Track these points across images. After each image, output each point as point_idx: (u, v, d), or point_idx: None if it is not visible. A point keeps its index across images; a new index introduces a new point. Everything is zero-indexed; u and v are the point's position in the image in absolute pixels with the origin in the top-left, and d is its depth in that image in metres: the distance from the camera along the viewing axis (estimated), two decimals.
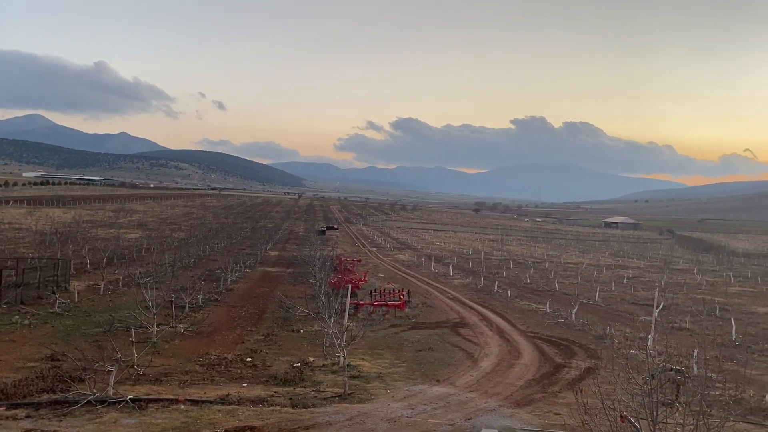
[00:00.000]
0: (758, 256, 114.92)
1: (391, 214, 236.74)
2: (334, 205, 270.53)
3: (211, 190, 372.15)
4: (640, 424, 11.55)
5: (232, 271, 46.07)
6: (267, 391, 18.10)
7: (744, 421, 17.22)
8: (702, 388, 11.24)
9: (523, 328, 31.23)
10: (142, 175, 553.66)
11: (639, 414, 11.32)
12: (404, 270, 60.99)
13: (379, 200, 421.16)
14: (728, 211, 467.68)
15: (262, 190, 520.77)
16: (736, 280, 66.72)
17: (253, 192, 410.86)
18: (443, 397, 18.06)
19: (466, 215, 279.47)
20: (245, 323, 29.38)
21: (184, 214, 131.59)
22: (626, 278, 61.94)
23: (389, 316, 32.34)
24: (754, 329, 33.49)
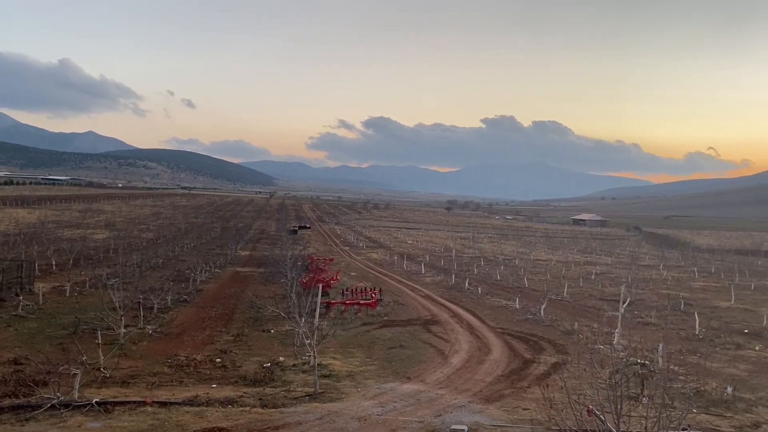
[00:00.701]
0: (721, 251, 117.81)
1: (363, 212, 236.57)
2: (306, 204, 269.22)
3: (180, 189, 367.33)
4: (605, 418, 11.78)
5: (202, 272, 45.59)
6: (236, 392, 17.97)
7: (706, 413, 17.63)
8: (665, 382, 11.51)
9: (493, 324, 31.52)
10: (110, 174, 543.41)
11: (605, 407, 11.54)
12: (377, 268, 61.04)
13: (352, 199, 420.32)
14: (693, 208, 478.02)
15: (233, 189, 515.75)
16: (700, 275, 68.29)
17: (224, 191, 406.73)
18: (414, 395, 18.15)
19: (438, 214, 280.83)
20: (215, 324, 29.09)
21: (153, 214, 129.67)
22: (594, 274, 62.94)
23: (361, 315, 32.36)
24: (717, 323, 34.31)
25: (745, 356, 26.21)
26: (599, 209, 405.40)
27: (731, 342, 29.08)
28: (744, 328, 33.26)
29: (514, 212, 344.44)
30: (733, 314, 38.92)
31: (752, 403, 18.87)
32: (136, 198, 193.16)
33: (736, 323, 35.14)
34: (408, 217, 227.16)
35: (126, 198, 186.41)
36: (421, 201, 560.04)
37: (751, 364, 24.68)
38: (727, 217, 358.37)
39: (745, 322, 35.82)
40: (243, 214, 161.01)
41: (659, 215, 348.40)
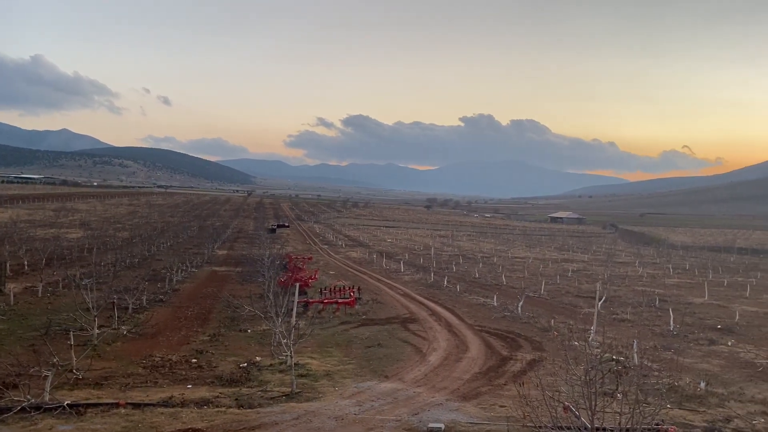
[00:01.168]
0: (696, 248, 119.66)
1: (342, 211, 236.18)
2: (284, 202, 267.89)
3: (157, 188, 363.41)
4: (580, 414, 11.86)
5: (178, 271, 45.06)
6: (212, 392, 17.79)
7: (680, 408, 17.86)
8: (638, 378, 11.62)
9: (471, 321, 31.62)
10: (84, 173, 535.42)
11: (580, 404, 11.61)
12: (356, 267, 60.94)
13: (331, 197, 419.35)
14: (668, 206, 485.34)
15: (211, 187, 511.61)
16: (675, 272, 69.27)
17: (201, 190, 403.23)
18: (391, 393, 18.12)
19: (417, 212, 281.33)
20: (191, 324, 28.76)
21: (129, 213, 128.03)
22: (571, 271, 63.52)
23: (339, 314, 32.24)
24: (691, 319, 34.80)
25: (718, 352, 26.61)
26: (576, 207, 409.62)
27: (705, 338, 29.50)
28: (717, 324, 33.79)
29: (493, 210, 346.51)
30: (706, 310, 39.54)
31: (724, 397, 19.15)
32: (111, 197, 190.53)
33: (709, 319, 35.68)
34: (387, 215, 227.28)
35: (101, 197, 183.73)
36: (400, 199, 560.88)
37: (724, 360, 25.07)
38: (701, 214, 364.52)
39: (718, 317, 36.40)
40: (221, 212, 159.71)
41: (635, 213, 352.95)
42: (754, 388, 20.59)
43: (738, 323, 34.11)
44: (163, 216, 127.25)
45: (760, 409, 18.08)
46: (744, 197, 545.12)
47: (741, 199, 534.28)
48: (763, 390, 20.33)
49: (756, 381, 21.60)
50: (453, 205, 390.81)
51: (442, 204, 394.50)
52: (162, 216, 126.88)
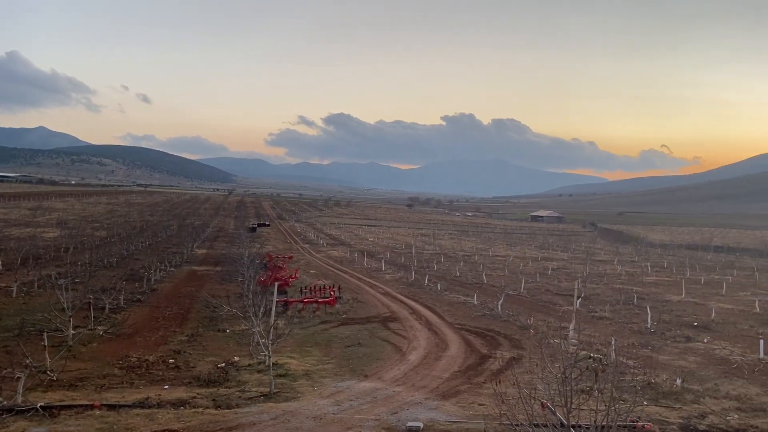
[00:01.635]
0: (673, 246, 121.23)
1: (324, 210, 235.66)
2: (265, 201, 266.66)
3: (136, 186, 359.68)
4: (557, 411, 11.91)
5: (157, 271, 44.61)
6: (189, 393, 17.60)
7: (656, 405, 18.04)
8: (614, 376, 11.70)
9: (451, 320, 31.68)
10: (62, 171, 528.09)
11: (557, 401, 11.65)
12: (337, 266, 60.79)
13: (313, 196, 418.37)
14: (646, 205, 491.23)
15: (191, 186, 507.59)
16: (653, 270, 70.09)
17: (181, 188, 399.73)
18: (370, 392, 18.08)
19: (399, 210, 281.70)
20: (169, 324, 28.46)
21: (107, 212, 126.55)
22: (551, 270, 63.96)
23: (319, 313, 32.12)
24: (668, 316, 35.18)
25: (694, 349, 26.92)
26: (557, 206, 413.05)
27: (681, 335, 29.82)
28: (694, 321, 34.18)
29: (474, 209, 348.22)
30: (683, 308, 40.00)
31: (700, 394, 19.38)
32: (89, 195, 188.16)
33: (686, 316, 36.10)
34: (369, 214, 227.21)
35: (79, 195, 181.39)
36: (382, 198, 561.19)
37: (700, 356, 25.36)
38: (679, 213, 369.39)
39: (695, 315, 36.84)
40: (200, 211, 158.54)
41: (614, 211, 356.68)
42: (729, 384, 20.86)
43: (714, 320, 34.56)
44: (142, 215, 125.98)
45: (735, 405, 18.31)
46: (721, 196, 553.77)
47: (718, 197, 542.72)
48: (738, 386, 20.61)
49: (731, 377, 21.89)
50: (435, 203, 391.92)
51: (424, 203, 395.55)
52: (141, 215, 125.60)
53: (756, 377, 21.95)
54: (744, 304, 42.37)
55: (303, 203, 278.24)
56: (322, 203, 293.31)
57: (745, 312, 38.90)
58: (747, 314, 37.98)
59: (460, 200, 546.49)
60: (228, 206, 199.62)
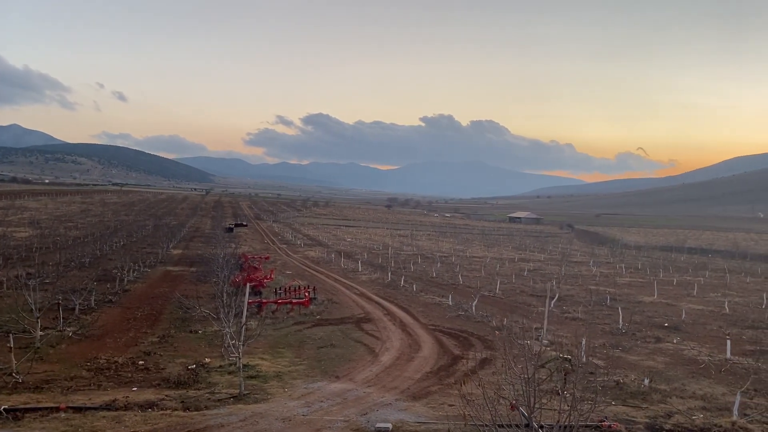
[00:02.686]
0: (648, 248, 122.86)
1: (303, 210, 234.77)
2: (243, 201, 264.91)
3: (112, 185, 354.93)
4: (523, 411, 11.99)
5: (130, 271, 44.09)
6: (158, 395, 17.41)
7: (624, 405, 18.27)
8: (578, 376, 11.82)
9: (425, 321, 31.76)
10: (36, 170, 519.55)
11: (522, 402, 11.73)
12: (313, 267, 60.57)
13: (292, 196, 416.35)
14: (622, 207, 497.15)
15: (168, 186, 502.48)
16: (627, 271, 70.95)
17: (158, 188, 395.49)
18: (341, 393, 18.05)
19: (378, 211, 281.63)
20: (140, 325, 28.12)
21: (82, 212, 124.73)
22: (527, 271, 64.42)
23: (293, 314, 31.99)
24: (640, 317, 35.66)
25: (663, 349, 27.32)
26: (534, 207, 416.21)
27: (652, 335, 30.25)
28: (664, 322, 34.68)
29: (453, 210, 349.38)
30: (655, 309, 40.56)
31: (667, 393, 19.68)
32: (63, 194, 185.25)
33: (657, 317, 36.60)
34: (348, 214, 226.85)
35: (53, 194, 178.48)
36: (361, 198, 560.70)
37: (669, 357, 25.75)
38: (654, 215, 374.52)
39: (666, 316, 37.37)
40: (177, 211, 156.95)
41: (591, 213, 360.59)
42: (696, 384, 21.21)
43: (684, 321, 35.10)
44: (117, 214, 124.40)
45: (700, 405, 18.62)
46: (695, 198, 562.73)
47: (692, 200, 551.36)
48: (704, 386, 20.97)
49: (698, 377, 22.26)
50: (414, 204, 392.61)
51: (403, 203, 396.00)
52: (116, 214, 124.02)
53: (722, 377, 22.34)
54: (714, 305, 43.11)
55: (281, 203, 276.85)
56: (301, 203, 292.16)
57: (714, 313, 39.57)
58: (716, 315, 38.65)
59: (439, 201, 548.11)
60: (205, 206, 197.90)
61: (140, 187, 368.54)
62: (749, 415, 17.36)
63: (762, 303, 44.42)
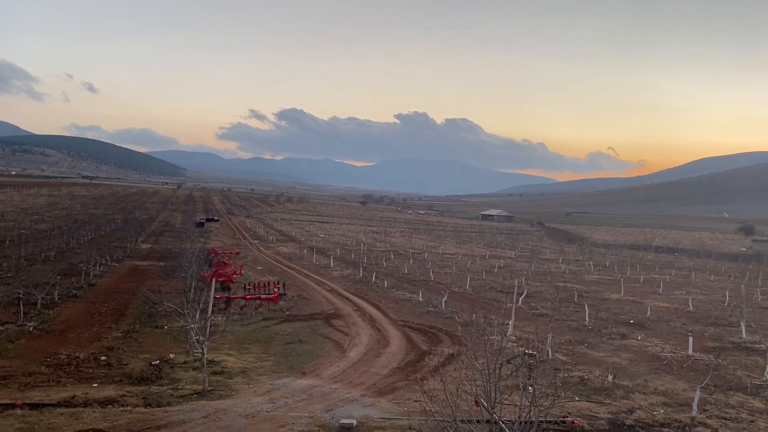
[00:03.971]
0: (616, 246, 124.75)
1: (276, 205, 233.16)
2: (216, 196, 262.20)
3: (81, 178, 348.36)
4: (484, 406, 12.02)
5: (97, 265, 43.33)
6: (119, 391, 17.10)
7: (588, 400, 18.47)
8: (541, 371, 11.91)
9: (395, 317, 31.76)
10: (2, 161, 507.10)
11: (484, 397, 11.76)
12: (285, 262, 60.21)
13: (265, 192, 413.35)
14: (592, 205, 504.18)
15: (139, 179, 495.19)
16: (595, 268, 71.91)
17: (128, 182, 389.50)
18: (306, 390, 17.94)
19: (352, 207, 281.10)
20: (105, 320, 27.63)
21: (49, 204, 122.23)
22: (497, 268, 64.89)
23: (262, 310, 31.73)
24: (606, 314, 36.13)
25: (628, 345, 27.70)
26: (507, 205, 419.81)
27: (617, 332, 30.66)
28: (630, 319, 35.18)
29: (427, 207, 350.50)
30: (621, 305, 41.13)
31: (630, 389, 19.95)
32: (30, 187, 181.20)
33: (623, 314, 37.12)
34: (322, 210, 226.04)
35: (19, 187, 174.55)
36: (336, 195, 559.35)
37: (633, 353, 26.11)
38: (623, 214, 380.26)
39: (631, 313, 37.92)
40: (147, 205, 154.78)
41: (562, 211, 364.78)
42: (658, 380, 21.55)
43: (649, 318, 35.65)
44: (86, 208, 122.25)
45: (662, 401, 18.91)
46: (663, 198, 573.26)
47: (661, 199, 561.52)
48: (666, 382, 21.31)
49: (660, 373, 22.61)
50: (388, 201, 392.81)
51: (378, 200, 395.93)
52: (85, 208, 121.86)
53: (684, 373, 22.73)
54: (679, 303, 43.89)
55: (254, 198, 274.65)
56: (274, 199, 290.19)
57: (679, 310, 40.28)
58: (680, 312, 39.34)
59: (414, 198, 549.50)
60: (176, 200, 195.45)
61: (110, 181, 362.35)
62: (708, 410, 17.68)
63: (724, 301, 45.37)
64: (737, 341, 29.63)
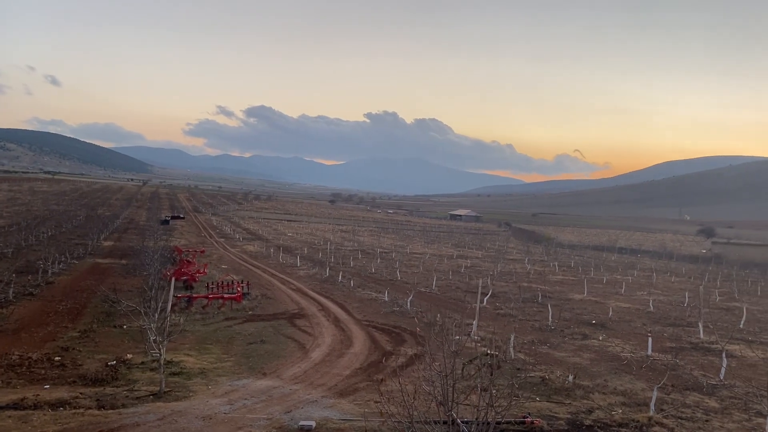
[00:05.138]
0: (581, 247, 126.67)
1: (244, 203, 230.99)
2: (182, 193, 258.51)
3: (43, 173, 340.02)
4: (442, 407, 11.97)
5: (56, 263, 42.22)
6: (72, 393, 16.61)
7: (548, 401, 18.59)
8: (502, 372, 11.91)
9: (359, 317, 31.63)
10: None
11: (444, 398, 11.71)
12: (251, 261, 59.57)
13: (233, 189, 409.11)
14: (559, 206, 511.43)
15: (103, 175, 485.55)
16: (560, 269, 72.82)
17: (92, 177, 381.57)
18: (266, 391, 17.69)
19: (321, 206, 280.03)
20: (61, 319, 26.88)
21: (8, 200, 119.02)
22: (464, 267, 65.24)
23: (225, 309, 31.28)
24: (569, 314, 36.55)
25: (589, 346, 28.04)
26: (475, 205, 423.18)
27: (579, 332, 31.02)
28: (592, 319, 35.64)
29: (396, 206, 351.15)
30: (584, 306, 41.68)
31: (590, 389, 20.15)
32: None
33: (586, 314, 37.60)
34: (290, 209, 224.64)
35: None
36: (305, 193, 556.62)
37: (594, 353, 26.43)
38: (588, 215, 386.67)
39: (594, 313, 38.44)
40: (111, 202, 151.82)
41: (529, 212, 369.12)
42: (618, 380, 21.82)
43: (611, 319, 36.17)
44: (47, 204, 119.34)
45: (621, 400, 19.15)
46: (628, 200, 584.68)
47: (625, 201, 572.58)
48: (625, 382, 21.59)
49: (620, 373, 22.91)
50: (358, 200, 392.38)
51: (347, 199, 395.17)
52: (46, 204, 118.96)
53: (643, 373, 23.06)
54: (640, 303, 44.68)
55: (221, 196, 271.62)
56: (242, 197, 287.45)
57: (640, 310, 40.99)
58: (641, 313, 40.03)
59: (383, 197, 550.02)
60: (141, 197, 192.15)
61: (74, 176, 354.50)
62: (665, 410, 17.96)
63: (684, 302, 46.34)
64: (695, 341, 30.26)
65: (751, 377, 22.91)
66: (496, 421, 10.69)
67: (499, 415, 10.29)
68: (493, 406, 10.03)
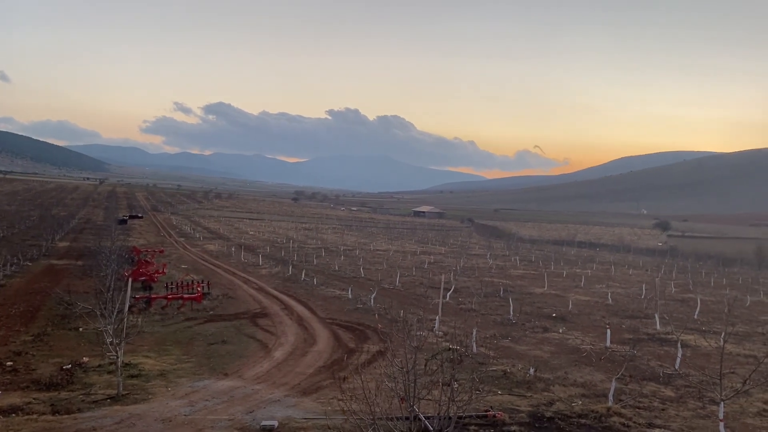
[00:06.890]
0: (542, 241, 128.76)
1: (204, 202, 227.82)
2: (140, 192, 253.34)
3: None
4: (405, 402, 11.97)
5: (8, 265, 40.93)
6: (24, 398, 16.11)
7: (510, 394, 18.80)
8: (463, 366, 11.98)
9: (323, 315, 31.48)
10: None
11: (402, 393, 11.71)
12: (212, 260, 58.75)
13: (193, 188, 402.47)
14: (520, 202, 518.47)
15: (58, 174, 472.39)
16: (521, 263, 73.84)
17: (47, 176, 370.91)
18: (228, 391, 17.45)
19: (284, 204, 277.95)
20: (13, 323, 26.04)
21: None
22: (427, 263, 65.60)
23: (184, 310, 30.75)
24: (530, 308, 37.06)
25: (550, 339, 28.47)
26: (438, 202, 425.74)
27: (540, 326, 31.46)
28: (552, 313, 36.20)
29: (360, 204, 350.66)
30: (545, 299, 42.32)
31: (550, 382, 20.45)
32: None
33: (546, 308, 38.17)
34: (252, 207, 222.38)
35: None
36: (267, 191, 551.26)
37: (554, 346, 26.85)
38: (549, 210, 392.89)
39: (554, 306, 39.04)
40: (67, 201, 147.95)
41: (490, 208, 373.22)
42: (578, 372, 22.20)
43: (571, 312, 36.80)
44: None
45: (580, 392, 19.47)
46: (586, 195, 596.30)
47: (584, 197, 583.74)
48: (585, 374, 21.99)
49: (580, 366, 23.32)
50: (321, 198, 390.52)
51: (310, 197, 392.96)
52: None
53: (602, 365, 23.52)
54: (599, 296, 45.59)
55: (181, 195, 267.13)
56: (202, 195, 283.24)
57: (599, 303, 41.82)
58: (600, 305, 40.84)
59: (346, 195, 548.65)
60: (98, 196, 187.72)
61: (27, 176, 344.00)
62: (623, 400, 18.34)
63: (641, 294, 47.47)
64: (651, 332, 31.00)
65: (705, 366, 23.55)
66: (458, 415, 10.76)
67: (461, 409, 10.34)
68: (455, 401, 10.07)
